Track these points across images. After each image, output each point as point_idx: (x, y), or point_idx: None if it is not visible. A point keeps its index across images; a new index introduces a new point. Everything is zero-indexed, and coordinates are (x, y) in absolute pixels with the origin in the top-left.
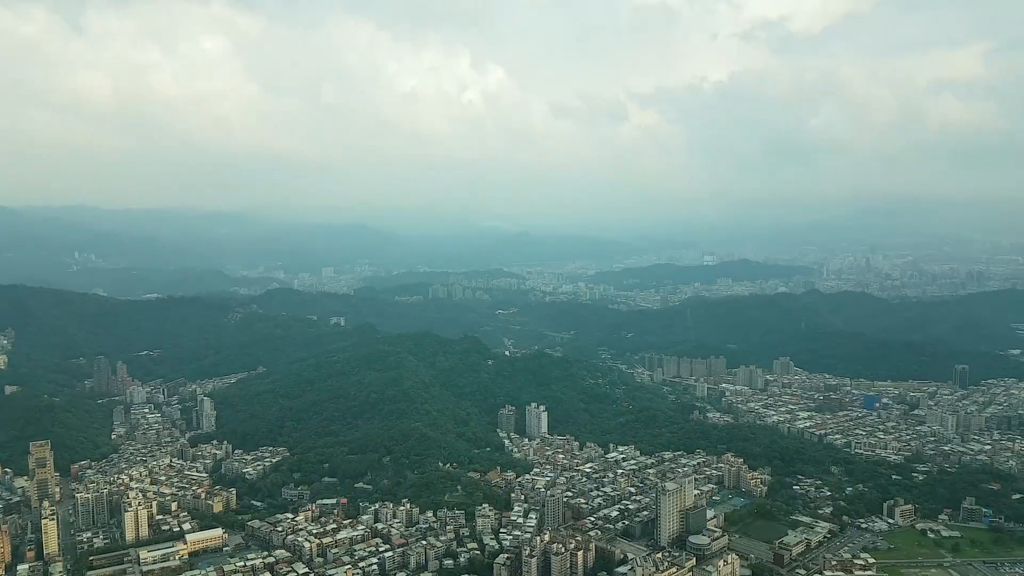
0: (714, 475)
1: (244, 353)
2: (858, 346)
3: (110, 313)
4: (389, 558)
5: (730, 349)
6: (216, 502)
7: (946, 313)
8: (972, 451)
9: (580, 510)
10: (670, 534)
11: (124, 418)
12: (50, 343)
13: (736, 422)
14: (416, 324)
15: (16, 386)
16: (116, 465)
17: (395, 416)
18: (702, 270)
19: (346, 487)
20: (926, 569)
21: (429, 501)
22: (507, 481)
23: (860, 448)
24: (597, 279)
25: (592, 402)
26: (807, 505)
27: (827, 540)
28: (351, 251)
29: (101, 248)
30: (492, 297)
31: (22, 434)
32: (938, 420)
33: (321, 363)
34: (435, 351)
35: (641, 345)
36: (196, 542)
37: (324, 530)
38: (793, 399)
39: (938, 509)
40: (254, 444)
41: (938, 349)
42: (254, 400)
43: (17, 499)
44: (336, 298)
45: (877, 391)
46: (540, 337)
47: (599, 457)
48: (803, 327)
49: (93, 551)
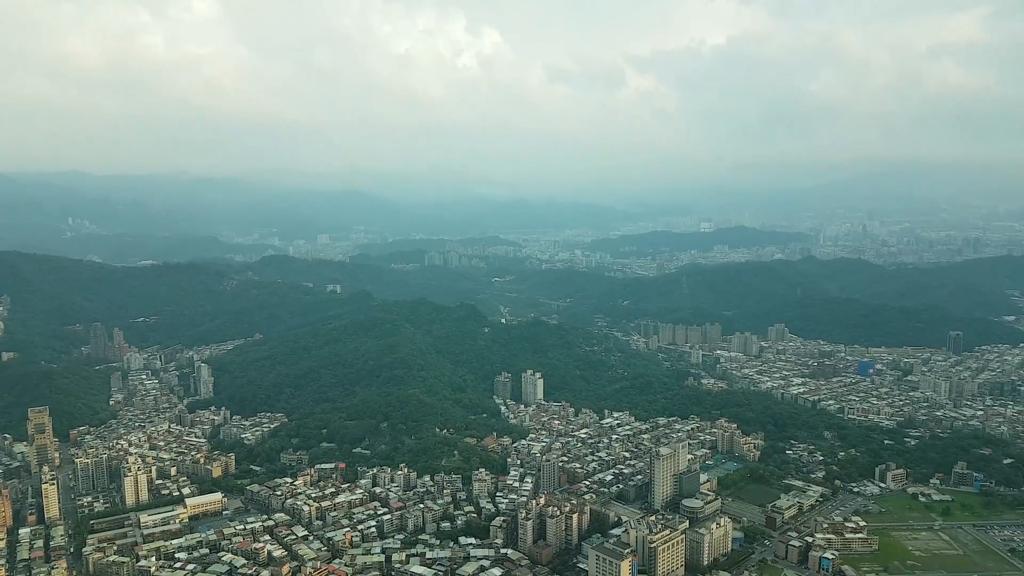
0: (708, 440)
1: (240, 320)
2: (853, 312)
3: (105, 279)
4: (387, 521)
5: (726, 316)
6: (215, 467)
7: (942, 279)
8: (964, 416)
9: (575, 474)
10: (664, 497)
11: (122, 384)
12: (46, 309)
13: (730, 388)
14: (412, 291)
15: (13, 352)
16: (115, 431)
17: (392, 383)
18: (699, 237)
19: (344, 452)
20: (916, 532)
21: (426, 466)
22: (503, 446)
23: (853, 414)
24: (594, 246)
25: (588, 369)
26: (800, 469)
27: (819, 504)
28: (346, 218)
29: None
30: (488, 264)
31: (20, 400)
32: (931, 386)
33: (318, 330)
34: (431, 318)
35: (637, 312)
36: (196, 506)
37: (323, 494)
38: (787, 365)
39: (930, 473)
40: (252, 410)
41: (933, 315)
42: (251, 367)
43: (17, 464)
44: (332, 265)
45: (871, 357)
46: (536, 304)
47: (594, 423)
48: (799, 294)
49: (94, 515)
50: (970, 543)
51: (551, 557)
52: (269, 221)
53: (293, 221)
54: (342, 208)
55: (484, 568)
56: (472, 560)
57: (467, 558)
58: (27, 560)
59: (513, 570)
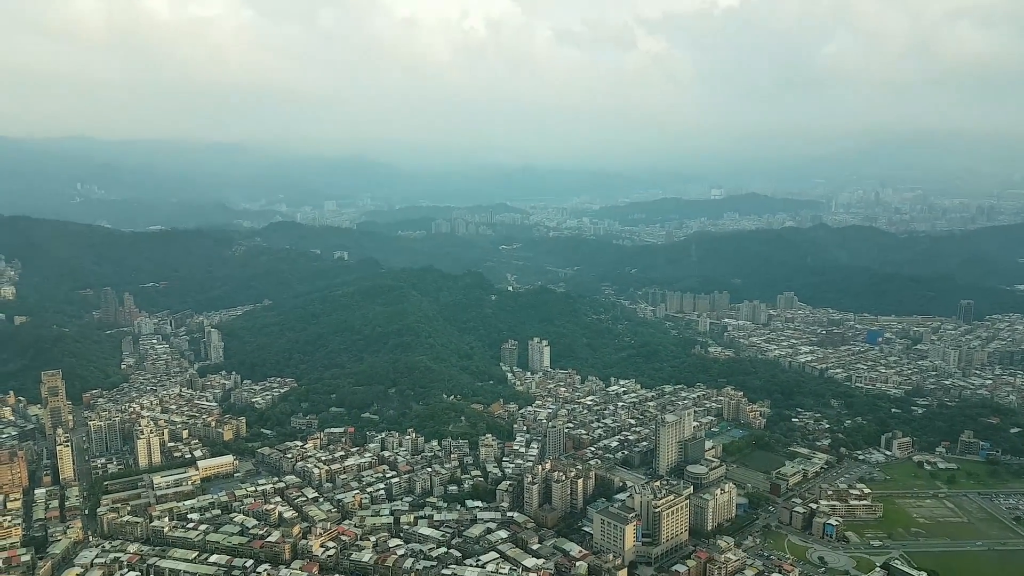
0: (714, 408)
1: (249, 286)
2: (863, 281)
3: (115, 245)
4: (396, 484)
5: (734, 284)
6: (226, 430)
7: (954, 248)
8: (973, 385)
9: (581, 440)
10: (668, 464)
11: (133, 348)
12: (57, 274)
13: (737, 356)
14: (419, 259)
15: (25, 316)
16: (127, 394)
17: (400, 349)
18: (709, 204)
19: (353, 417)
20: (921, 500)
21: (434, 431)
22: (510, 413)
23: (861, 382)
24: (602, 214)
25: (594, 337)
26: (805, 437)
27: (824, 471)
28: (353, 184)
29: (103, 180)
30: (495, 232)
31: (33, 364)
32: (940, 355)
33: (326, 297)
34: (438, 286)
35: (645, 281)
36: (208, 468)
37: (332, 457)
38: (795, 334)
39: (936, 442)
40: (262, 375)
41: (944, 284)
42: (260, 332)
43: (31, 426)
44: (339, 232)
45: (880, 326)
46: (543, 272)
47: (600, 390)
48: (809, 262)
49: (108, 476)
50: (974, 511)
51: (556, 520)
52: (276, 187)
53: (300, 188)
54: (348, 175)
55: (490, 530)
56: (479, 522)
57: (474, 520)
58: (43, 519)
59: (519, 532)
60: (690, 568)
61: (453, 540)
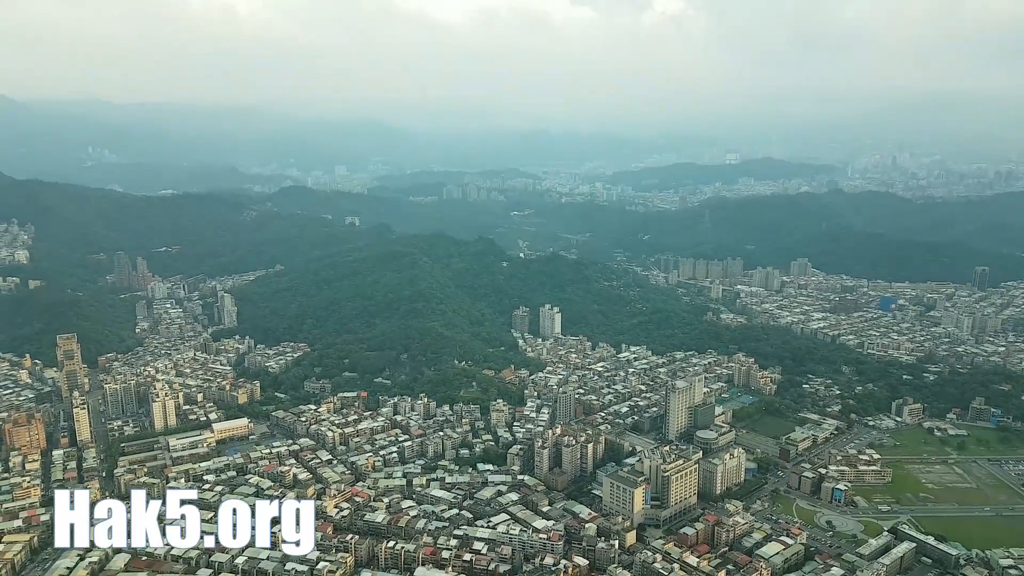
0: (724, 374)
1: (261, 251)
2: (878, 247)
3: (127, 209)
4: (408, 447)
5: (748, 251)
6: (241, 393)
7: (971, 214)
8: (985, 352)
9: (591, 406)
10: (678, 429)
11: (147, 313)
12: (69, 239)
13: (749, 323)
14: (430, 225)
15: (40, 281)
16: (141, 358)
17: (412, 315)
18: (724, 169)
19: (365, 382)
20: (930, 465)
21: (445, 396)
22: (521, 379)
23: (873, 349)
24: (615, 179)
25: (606, 304)
26: (816, 403)
27: (834, 436)
28: (363, 148)
29: (113, 143)
30: (507, 198)
31: (48, 327)
32: (954, 321)
33: (337, 263)
34: (450, 252)
35: (658, 247)
36: (223, 431)
37: (346, 420)
38: (808, 300)
39: (947, 409)
40: (275, 340)
41: (959, 250)
42: (273, 297)
43: (48, 389)
44: (350, 197)
45: (894, 292)
46: (555, 239)
47: (611, 357)
48: (823, 228)
49: (124, 438)
50: (983, 477)
51: (566, 484)
52: (286, 151)
53: (310, 151)
54: (359, 138)
55: (501, 493)
56: (490, 485)
57: (485, 483)
58: (61, 480)
59: (529, 495)
60: (698, 531)
61: (464, 502)
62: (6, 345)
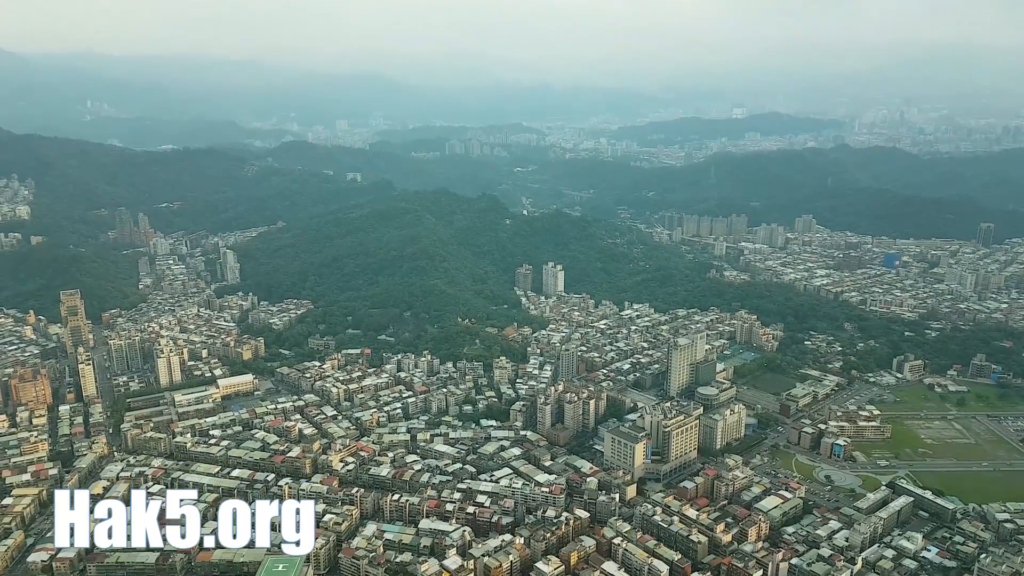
0: (727, 331)
1: (262, 207)
2: (883, 203)
3: (127, 164)
4: (412, 403)
5: (753, 207)
6: (245, 350)
7: (978, 169)
8: (988, 309)
9: (593, 363)
10: (679, 385)
11: (149, 269)
12: (70, 194)
13: (752, 280)
14: (433, 181)
15: (41, 237)
16: (145, 314)
17: (414, 273)
18: (730, 124)
19: (369, 339)
20: (929, 421)
21: (448, 353)
22: (523, 336)
23: (875, 305)
24: (620, 135)
25: (609, 261)
26: (817, 360)
27: (834, 393)
28: (365, 102)
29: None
30: (510, 154)
31: (51, 283)
32: (957, 278)
33: (340, 219)
34: (452, 209)
35: (662, 204)
36: (228, 386)
37: (350, 377)
38: (812, 257)
39: (948, 365)
40: (278, 296)
41: (965, 207)
42: (276, 254)
43: (52, 345)
44: (351, 153)
45: (898, 249)
46: (559, 196)
47: (614, 314)
48: (829, 184)
49: (130, 394)
50: (982, 432)
51: (568, 439)
52: (287, 105)
53: (311, 106)
54: (360, 92)
55: (504, 448)
56: (493, 440)
57: (488, 439)
58: (68, 435)
59: (532, 450)
60: (697, 484)
61: (468, 457)
62: (9, 301)
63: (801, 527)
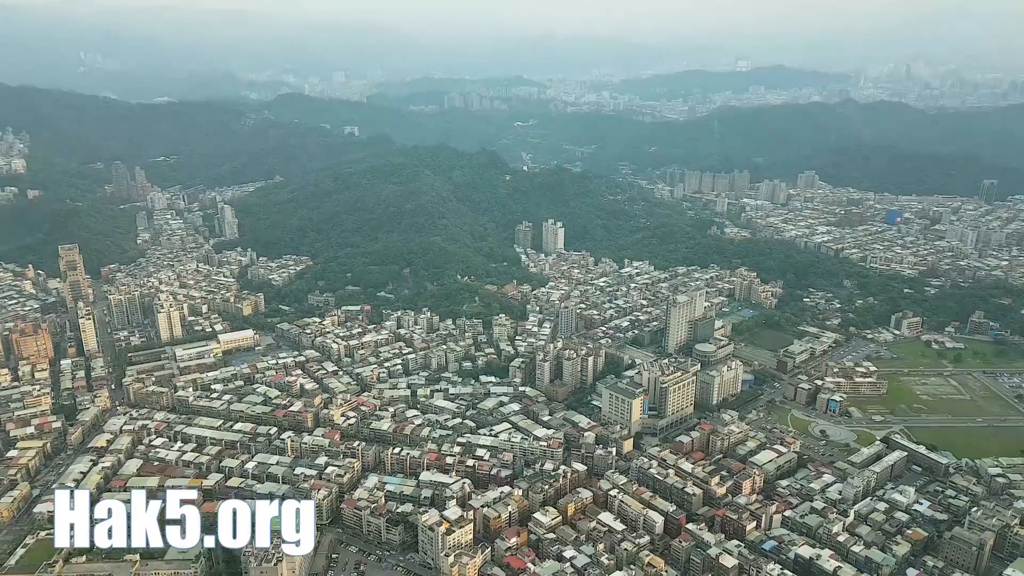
0: (726, 288)
1: (259, 161)
2: (886, 159)
3: (123, 117)
4: (412, 359)
5: (756, 163)
6: (245, 305)
7: (983, 125)
8: (988, 266)
9: (592, 320)
10: (678, 342)
11: (147, 224)
12: (66, 147)
13: (753, 237)
14: (432, 135)
15: (38, 191)
16: (144, 269)
17: (413, 230)
18: (734, 77)
19: (369, 295)
20: (926, 377)
21: (448, 311)
22: (523, 294)
23: (875, 262)
24: (623, 88)
25: (610, 218)
26: (816, 317)
27: (832, 349)
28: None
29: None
30: (511, 107)
31: (49, 238)
32: (958, 235)
33: (338, 174)
34: (452, 165)
35: (664, 159)
36: (229, 342)
37: (350, 333)
38: (814, 214)
39: (946, 322)
40: (277, 252)
41: (969, 163)
42: (274, 209)
43: (52, 299)
44: (348, 106)
45: (900, 206)
46: (559, 151)
47: (613, 272)
48: (833, 139)
49: (131, 348)
50: (978, 389)
51: (566, 395)
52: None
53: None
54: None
55: (503, 403)
56: (492, 396)
57: (487, 394)
58: (71, 389)
59: (530, 405)
60: (693, 439)
61: (468, 412)
62: (8, 256)
63: (795, 481)
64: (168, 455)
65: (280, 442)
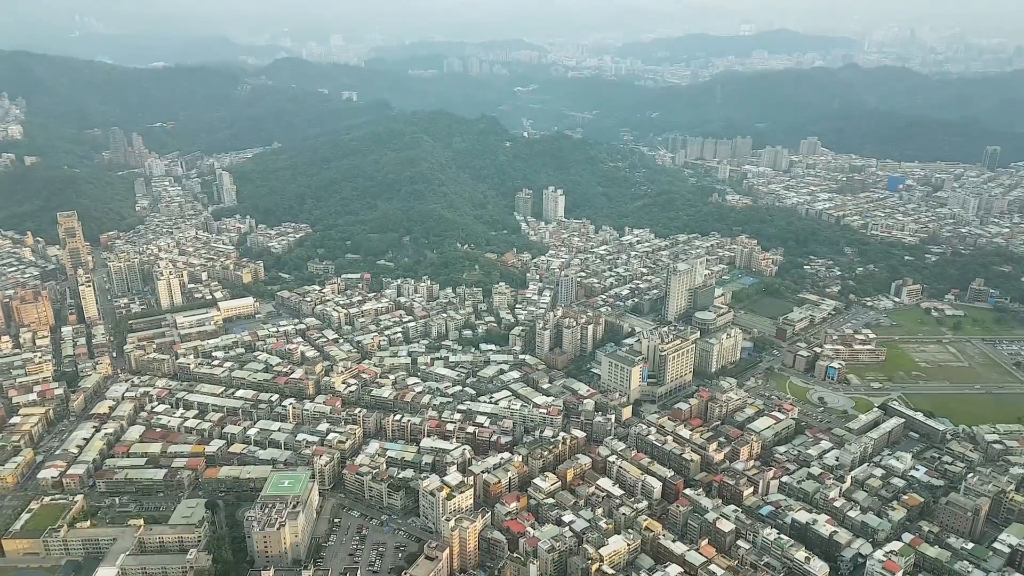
0: (726, 256)
1: (257, 127)
2: (889, 125)
3: (119, 82)
4: (412, 327)
5: (758, 129)
6: (245, 273)
7: (987, 90)
8: (989, 234)
9: (592, 289)
10: (677, 310)
11: (145, 190)
12: (62, 113)
13: (754, 204)
14: (431, 101)
15: (35, 157)
16: (143, 236)
17: (413, 197)
18: (737, 41)
19: (368, 263)
20: (925, 345)
21: (448, 279)
22: (523, 262)
23: (876, 230)
24: (624, 51)
25: (610, 186)
26: (816, 284)
27: (831, 317)
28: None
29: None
30: (511, 72)
31: (48, 205)
32: (960, 202)
33: (336, 141)
34: (451, 131)
35: (666, 125)
36: (229, 309)
37: (350, 301)
38: (816, 180)
39: (946, 289)
40: (276, 219)
41: (972, 129)
42: (272, 176)
43: (52, 267)
44: (346, 70)
45: (902, 172)
46: (560, 117)
47: (614, 240)
48: (836, 105)
49: (131, 316)
50: (976, 356)
51: (566, 363)
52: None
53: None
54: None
55: (503, 371)
56: (492, 364)
57: (487, 362)
58: (72, 356)
59: (530, 373)
60: (692, 406)
61: (468, 379)
62: (7, 223)
63: (793, 447)
64: (170, 422)
65: (282, 409)
